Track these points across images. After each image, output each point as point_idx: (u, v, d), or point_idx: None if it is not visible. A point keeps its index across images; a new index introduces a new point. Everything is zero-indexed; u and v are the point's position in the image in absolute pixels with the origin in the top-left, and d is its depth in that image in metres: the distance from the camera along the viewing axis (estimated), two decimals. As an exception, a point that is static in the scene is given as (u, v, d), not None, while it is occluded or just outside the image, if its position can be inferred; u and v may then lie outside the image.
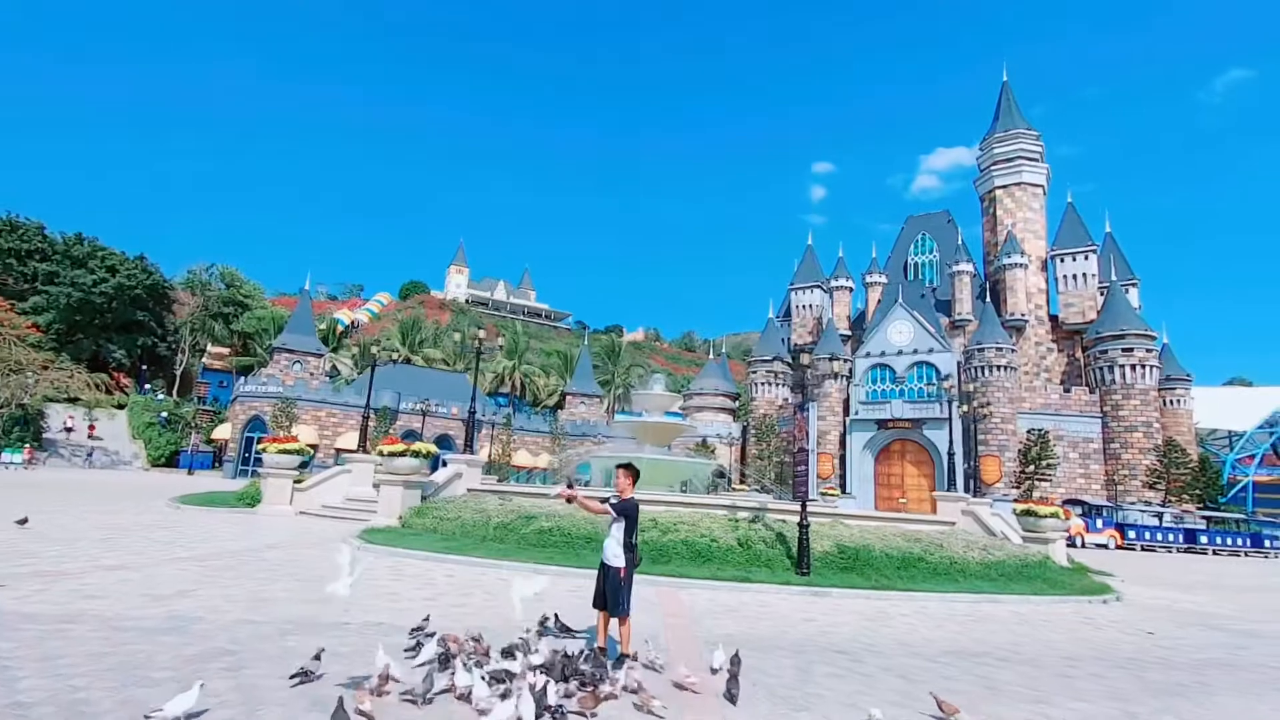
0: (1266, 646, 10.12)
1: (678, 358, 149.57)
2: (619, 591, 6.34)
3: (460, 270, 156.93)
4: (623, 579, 6.36)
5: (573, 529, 12.92)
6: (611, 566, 6.39)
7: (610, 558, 6.42)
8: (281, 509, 18.43)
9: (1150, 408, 46.85)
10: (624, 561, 6.40)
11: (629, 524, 6.46)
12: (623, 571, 6.39)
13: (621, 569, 6.39)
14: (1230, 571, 27.68)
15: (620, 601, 6.34)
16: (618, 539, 6.44)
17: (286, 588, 8.92)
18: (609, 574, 6.39)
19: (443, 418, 55.89)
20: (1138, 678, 7.54)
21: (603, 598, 6.44)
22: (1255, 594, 18.51)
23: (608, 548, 6.46)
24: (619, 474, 6.71)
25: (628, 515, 6.47)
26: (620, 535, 6.46)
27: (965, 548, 14.37)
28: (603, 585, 6.43)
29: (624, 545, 6.40)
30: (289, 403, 49.73)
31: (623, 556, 6.41)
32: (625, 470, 6.72)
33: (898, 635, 8.84)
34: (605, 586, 6.40)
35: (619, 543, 6.44)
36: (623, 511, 6.46)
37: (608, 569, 6.40)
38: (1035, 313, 55.41)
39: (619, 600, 6.33)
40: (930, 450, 49.52)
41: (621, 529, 6.45)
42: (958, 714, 5.32)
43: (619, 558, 6.40)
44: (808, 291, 66.45)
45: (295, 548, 12.63)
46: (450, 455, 18.98)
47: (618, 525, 6.45)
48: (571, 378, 74.22)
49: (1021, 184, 57.50)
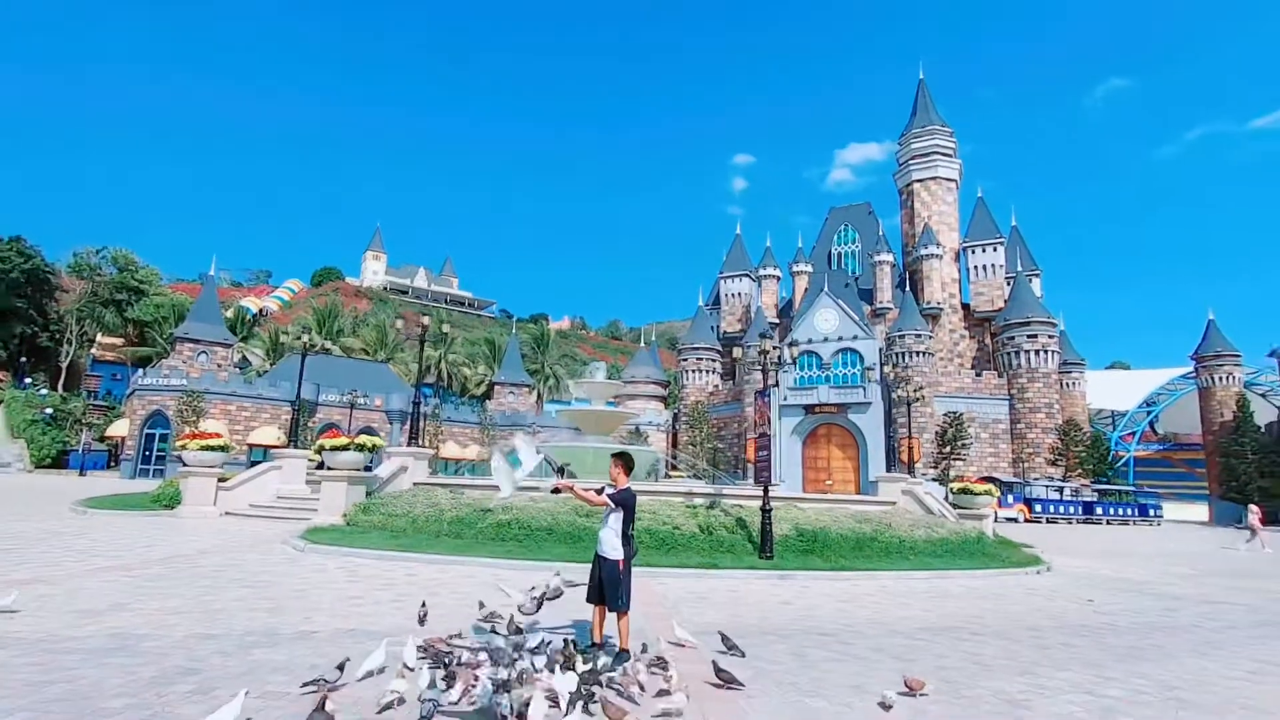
0: (1191, 608, 10.94)
1: (605, 346, 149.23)
2: (617, 585, 6.09)
3: (378, 256, 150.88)
4: (621, 571, 6.13)
5: (532, 521, 12.53)
6: (608, 559, 6.13)
7: (607, 550, 6.16)
8: (205, 510, 17.04)
9: (1052, 390, 50.33)
10: (622, 553, 6.17)
11: (626, 514, 6.21)
12: (621, 564, 6.15)
13: (620, 561, 6.15)
14: (1126, 539, 30.16)
15: (619, 595, 6.10)
16: (615, 530, 6.19)
17: (236, 596, 8.17)
18: (605, 566, 6.14)
19: (365, 409, 53.57)
20: (1099, 643, 7.95)
21: (598, 592, 6.19)
22: (1158, 560, 20.15)
23: (604, 539, 6.20)
24: (613, 463, 6.46)
25: (625, 505, 6.22)
26: (618, 526, 6.21)
27: (911, 526, 14.88)
28: (599, 578, 6.17)
29: (622, 536, 6.17)
30: (195, 396, 46.36)
31: (620, 548, 6.17)
32: (618, 460, 6.47)
33: (872, 615, 9.00)
34: (602, 579, 6.14)
35: (616, 534, 6.18)
36: (620, 502, 6.21)
37: (604, 561, 6.14)
38: (949, 301, 58.39)
39: (617, 594, 6.08)
40: (855, 434, 51.42)
41: (619, 519, 6.20)
42: (924, 688, 5.48)
43: (617, 549, 6.15)
44: (736, 280, 67.54)
45: (232, 551, 11.66)
46: (393, 448, 18.06)
47: (615, 516, 6.20)
48: (500, 367, 72.79)
49: (937, 178, 60.28)
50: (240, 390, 49.99)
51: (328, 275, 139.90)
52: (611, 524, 6.21)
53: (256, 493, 18.24)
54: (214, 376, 49.70)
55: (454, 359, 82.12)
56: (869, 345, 51.80)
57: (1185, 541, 30.08)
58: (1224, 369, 54.50)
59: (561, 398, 77.56)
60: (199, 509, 16.95)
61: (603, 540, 6.21)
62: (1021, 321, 50.98)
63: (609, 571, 6.10)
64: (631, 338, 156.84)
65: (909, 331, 50.77)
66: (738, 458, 55.11)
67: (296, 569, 10.28)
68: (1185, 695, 5.95)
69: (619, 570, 6.12)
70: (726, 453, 56.61)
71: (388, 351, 78.70)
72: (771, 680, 5.85)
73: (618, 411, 25.05)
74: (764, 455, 13.41)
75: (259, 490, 18.29)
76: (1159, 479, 72.22)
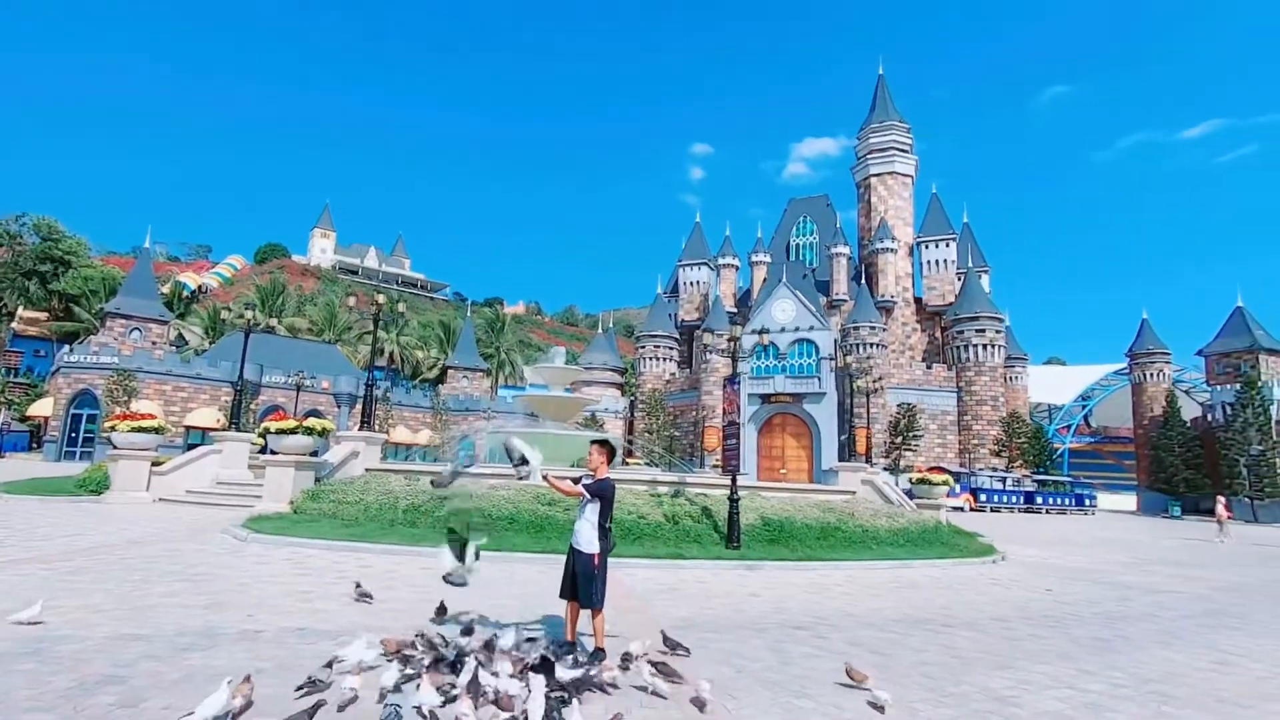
0: (1142, 597, 11.19)
1: (560, 332, 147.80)
2: (593, 580, 5.72)
3: (326, 234, 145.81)
4: (596, 566, 5.76)
5: (493, 510, 12.02)
6: (584, 553, 5.75)
7: (583, 543, 5.78)
8: (136, 496, 15.93)
9: (998, 384, 51.89)
10: (598, 547, 5.79)
11: (604, 506, 5.83)
12: (596, 558, 5.78)
13: (596, 555, 5.77)
14: (1066, 528, 31.28)
15: (594, 591, 5.73)
16: (591, 522, 5.80)
17: (169, 590, 7.49)
18: (580, 560, 5.75)
19: (312, 392, 51.69)
20: (1066, 634, 7.96)
21: (572, 587, 5.80)
22: (1099, 548, 20.82)
23: (580, 531, 5.80)
24: (593, 450, 6.02)
25: (604, 497, 5.85)
26: (595, 518, 5.82)
27: (873, 516, 14.92)
28: (572, 573, 5.79)
29: (599, 529, 5.79)
30: (127, 375, 43.87)
31: (597, 541, 5.79)
32: (600, 447, 6.04)
33: (843, 607, 8.86)
34: (576, 574, 5.76)
35: (593, 526, 5.80)
36: (598, 493, 5.83)
37: (579, 555, 5.76)
38: (903, 295, 59.53)
39: (592, 590, 5.72)
40: (809, 423, 52.07)
41: (596, 511, 5.81)
42: (867, 680, 5.29)
43: (593, 543, 5.77)
44: (695, 268, 67.48)
45: (166, 541, 10.83)
46: (343, 433, 17.19)
47: (592, 507, 5.82)
48: (453, 351, 71.20)
49: (894, 173, 61.21)
50: (177, 370, 47.56)
51: (273, 252, 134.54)
52: (588, 515, 5.83)
53: (194, 478, 17.17)
54: (148, 355, 47.12)
55: (406, 341, 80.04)
56: (825, 336, 52.39)
57: (1119, 530, 31.36)
58: (1155, 366, 57.07)
59: (517, 383, 76.51)
60: (130, 495, 15.83)
61: (578, 532, 5.82)
62: (971, 316, 52.31)
63: (584, 566, 5.73)
64: (588, 324, 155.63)
65: (864, 324, 51.55)
66: (694, 445, 55.26)
67: (239, 561, 9.58)
68: (1162, 688, 5.92)
69: (594, 565, 5.76)
70: (683, 440, 56.69)
71: (336, 332, 76.18)
72: (754, 679, 5.58)
73: (577, 398, 24.56)
74: (731, 444, 13.19)
75: (197, 475, 17.22)
76: (1090, 470, 75.73)
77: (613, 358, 67.67)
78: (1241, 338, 51.18)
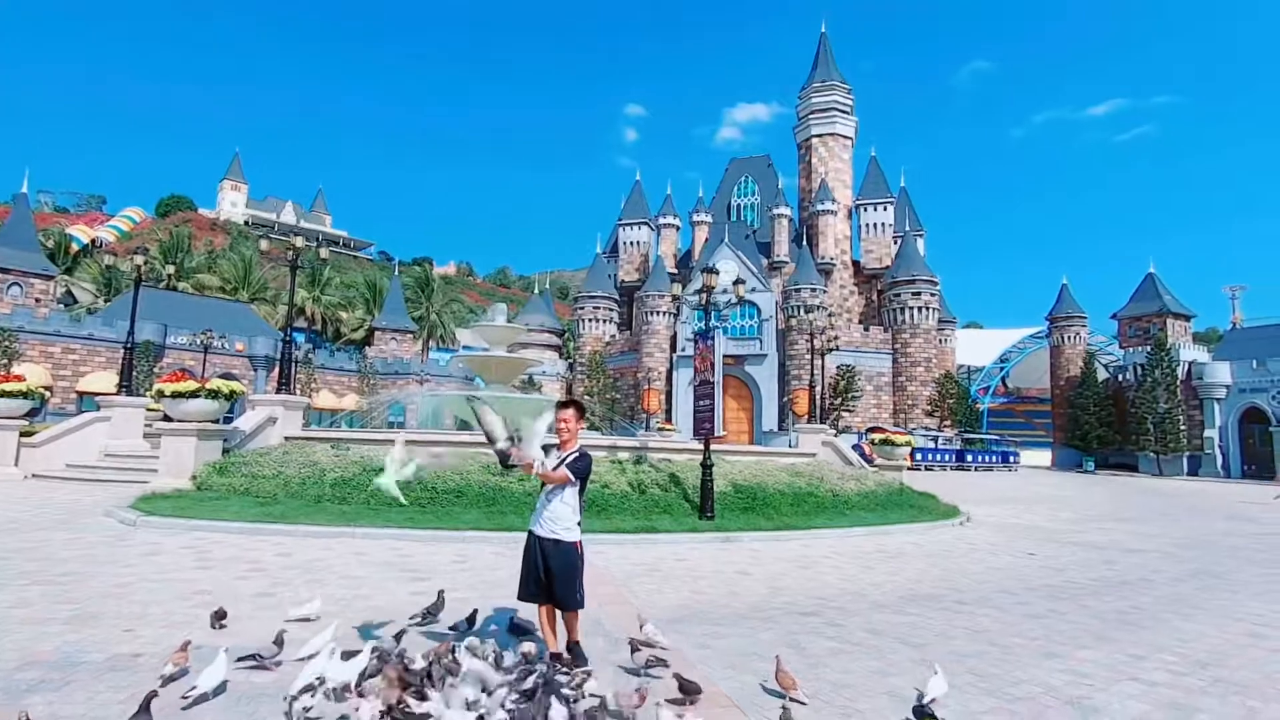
0: (1124, 559, 10.87)
1: (492, 294, 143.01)
2: (576, 576, 4.49)
3: (237, 187, 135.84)
4: (579, 556, 4.55)
5: (437, 482, 10.57)
6: (564, 541, 4.49)
7: (560, 529, 4.50)
8: (2, 472, 13.56)
9: (931, 345, 53.05)
10: (578, 534, 4.57)
11: (582, 485, 4.62)
12: (579, 545, 4.55)
13: (578, 543, 4.55)
14: (999, 485, 32.15)
15: (577, 589, 4.51)
16: (571, 505, 4.55)
17: (19, 599, 5.81)
18: (560, 552, 4.47)
19: (225, 354, 47.80)
20: (1083, 608, 7.33)
21: (537, 585, 4.51)
22: (1040, 505, 21.04)
23: (555, 514, 4.52)
24: (567, 415, 4.62)
25: (585, 475, 4.61)
26: (574, 500, 4.57)
27: (841, 479, 14.29)
28: (542, 568, 4.48)
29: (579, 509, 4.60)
30: (6, 335, 39.14)
31: (577, 528, 4.56)
32: (575, 410, 4.70)
33: (841, 584, 7.99)
34: (549, 570, 4.46)
35: (574, 510, 4.55)
36: (584, 472, 4.59)
37: (557, 544, 4.48)
38: (841, 257, 59.83)
39: (575, 588, 4.49)
40: (750, 385, 52.06)
41: (575, 492, 4.57)
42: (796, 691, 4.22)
43: (573, 528, 4.52)
44: (635, 228, 65.85)
45: (26, 530, 8.89)
46: (258, 397, 15.14)
47: (571, 489, 4.56)
48: (380, 312, 67.47)
49: (835, 134, 60.90)
50: (65, 329, 42.83)
51: (177, 205, 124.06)
52: (566, 498, 4.55)
53: (78, 450, 14.84)
54: (30, 313, 42.21)
55: (329, 300, 75.29)
56: (766, 298, 52.16)
57: (1047, 486, 32.41)
58: (1073, 329, 59.68)
59: (449, 345, 73.49)
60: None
61: (554, 515, 4.51)
62: (907, 279, 53.00)
63: (563, 558, 4.45)
64: (521, 286, 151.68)
65: (805, 285, 51.47)
66: (633, 408, 54.43)
67: (122, 552, 7.85)
68: (1221, 674, 5.27)
69: (577, 554, 4.52)
70: (623, 403, 55.77)
71: (251, 291, 70.79)
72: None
73: (521, 358, 23.00)
74: (705, 405, 12.12)
75: (80, 447, 14.88)
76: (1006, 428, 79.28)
77: (550, 319, 65.81)
78: (1152, 302, 53.90)
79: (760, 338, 51.54)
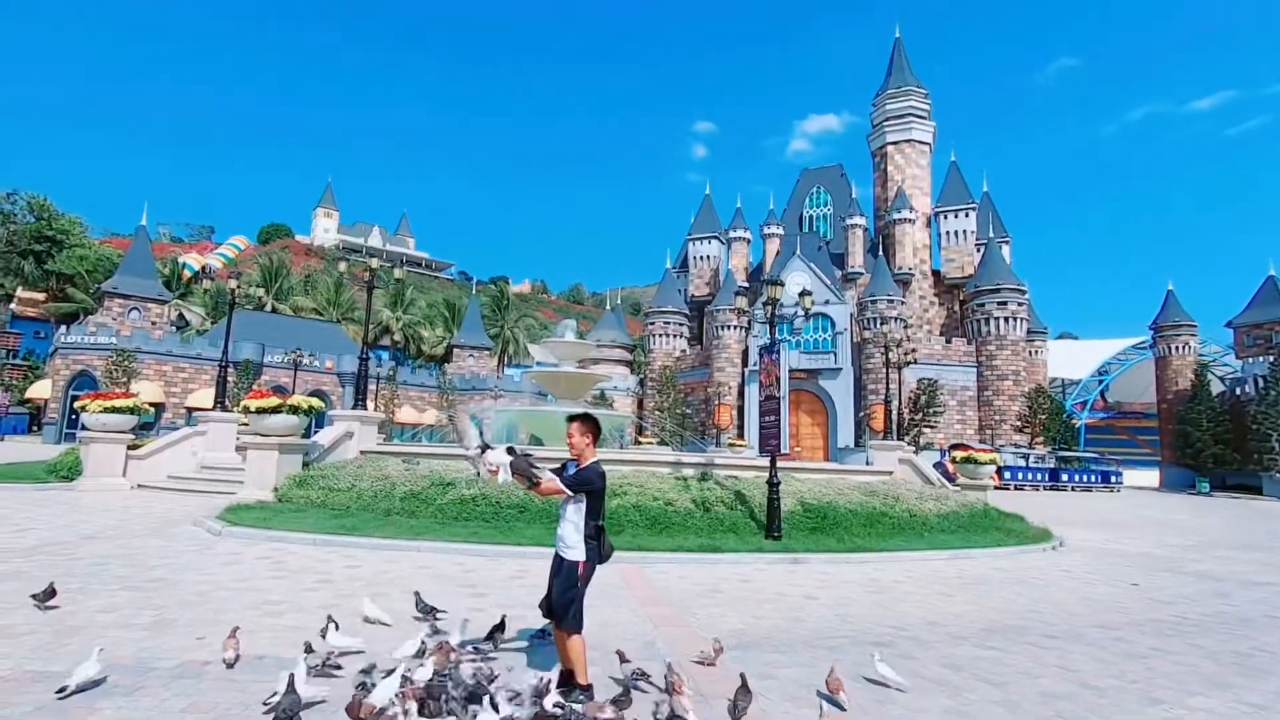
0: (1241, 592, 9.79)
1: (566, 310, 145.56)
2: (571, 597, 4.28)
3: (329, 214, 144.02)
4: (579, 577, 4.31)
5: (501, 497, 10.68)
6: (566, 560, 4.32)
7: (563, 547, 4.36)
8: (111, 482, 14.67)
9: (1019, 357, 50.18)
10: (584, 553, 4.32)
11: (593, 501, 4.36)
12: (581, 566, 4.31)
13: (581, 564, 4.31)
14: (1100, 507, 29.84)
15: (569, 608, 4.28)
16: (575, 523, 4.33)
17: (108, 604, 6.16)
18: (557, 569, 4.37)
19: (315, 371, 50.51)
20: (1194, 646, 6.59)
21: (548, 601, 4.43)
22: (1147, 529, 19.38)
23: (562, 532, 4.37)
24: (572, 429, 4.45)
25: (590, 489, 4.33)
26: (578, 518, 4.34)
27: (918, 499, 13.55)
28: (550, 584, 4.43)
29: (588, 531, 4.34)
30: (126, 355, 42.69)
31: (582, 546, 4.32)
32: (582, 424, 4.49)
33: (916, 612, 7.49)
34: (551, 586, 4.40)
35: (577, 528, 4.33)
36: (581, 485, 4.32)
37: (560, 563, 4.36)
38: (920, 267, 57.60)
39: (567, 604, 4.27)
40: (824, 400, 50.64)
41: (580, 511, 4.34)
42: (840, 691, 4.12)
43: (576, 548, 4.32)
44: (705, 242, 65.61)
45: (125, 537, 9.52)
46: (336, 412, 15.83)
47: (574, 505, 4.35)
48: (459, 329, 69.87)
49: (911, 141, 58.94)
50: (177, 350, 46.42)
51: (276, 232, 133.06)
52: (570, 515, 4.35)
53: (178, 462, 15.91)
54: (147, 335, 45.96)
55: (411, 320, 78.65)
56: (840, 310, 50.74)
57: (1155, 509, 29.90)
58: (1181, 339, 55.14)
59: (523, 361, 75.17)
60: (104, 481, 14.57)
61: (561, 533, 4.39)
62: (992, 288, 50.43)
63: (564, 578, 4.31)
64: (594, 302, 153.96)
65: (881, 297, 49.78)
66: (705, 423, 53.92)
67: (205, 560, 8.26)
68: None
69: (577, 575, 4.29)
70: (694, 418, 55.36)
71: (341, 311, 74.82)
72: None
73: (589, 374, 23.18)
74: (770, 421, 11.75)
75: (180, 459, 15.96)
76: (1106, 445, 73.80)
77: (621, 335, 66.27)
78: (1274, 308, 49.18)
79: (834, 351, 50.11)
